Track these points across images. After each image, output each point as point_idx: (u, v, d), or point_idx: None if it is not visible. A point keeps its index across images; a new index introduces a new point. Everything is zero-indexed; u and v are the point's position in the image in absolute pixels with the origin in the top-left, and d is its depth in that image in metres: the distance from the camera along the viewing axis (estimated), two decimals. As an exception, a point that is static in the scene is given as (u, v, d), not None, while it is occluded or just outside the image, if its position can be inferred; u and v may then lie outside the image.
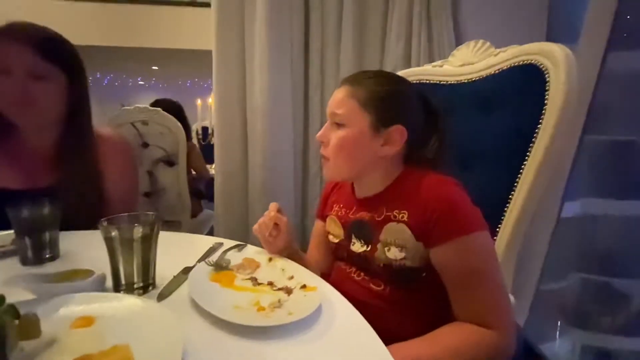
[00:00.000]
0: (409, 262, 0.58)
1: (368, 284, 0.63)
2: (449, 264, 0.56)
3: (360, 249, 0.65)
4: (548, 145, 0.69)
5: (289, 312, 0.44)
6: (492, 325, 0.52)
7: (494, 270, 0.56)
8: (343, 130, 0.62)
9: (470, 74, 0.86)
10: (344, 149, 0.63)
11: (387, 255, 0.60)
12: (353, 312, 0.47)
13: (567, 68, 0.68)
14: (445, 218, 0.55)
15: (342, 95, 0.63)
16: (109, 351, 0.35)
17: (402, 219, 0.59)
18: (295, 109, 1.44)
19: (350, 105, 0.62)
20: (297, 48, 1.43)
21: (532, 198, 0.72)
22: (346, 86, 0.64)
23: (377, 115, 0.61)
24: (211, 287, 0.51)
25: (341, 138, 0.62)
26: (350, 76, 0.67)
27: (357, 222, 0.67)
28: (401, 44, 1.37)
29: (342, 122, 0.62)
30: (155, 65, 7.65)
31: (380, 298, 0.61)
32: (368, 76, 0.65)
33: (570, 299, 1.53)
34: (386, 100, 0.62)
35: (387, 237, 0.60)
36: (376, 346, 0.40)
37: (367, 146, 0.62)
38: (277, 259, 0.62)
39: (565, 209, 1.45)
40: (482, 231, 0.56)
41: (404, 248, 0.58)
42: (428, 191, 0.58)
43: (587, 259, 1.47)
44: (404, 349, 0.51)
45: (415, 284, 0.59)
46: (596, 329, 1.43)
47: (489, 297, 0.54)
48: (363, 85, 0.63)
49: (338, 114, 0.62)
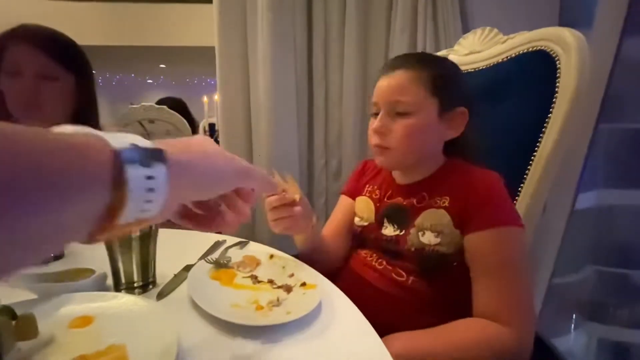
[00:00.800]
0: (443, 248, 0.57)
1: (390, 274, 0.62)
2: (481, 252, 0.55)
3: (392, 233, 0.64)
4: (559, 135, 0.67)
5: (287, 312, 0.43)
6: (509, 322, 0.50)
7: (524, 268, 0.55)
8: (410, 118, 0.59)
9: (477, 62, 0.83)
10: (413, 137, 0.60)
11: (421, 240, 0.59)
12: (353, 309, 0.46)
13: (579, 54, 0.65)
14: (487, 206, 0.55)
15: (404, 80, 0.59)
16: (105, 351, 0.35)
17: (442, 205, 0.59)
18: (299, 104, 1.42)
19: (416, 91, 0.58)
20: (300, 42, 1.41)
21: (542, 190, 0.70)
22: (404, 71, 0.60)
23: (443, 100, 0.59)
24: (211, 285, 0.51)
25: (409, 127, 0.59)
26: (400, 59, 0.64)
27: (393, 206, 0.66)
28: (406, 34, 1.33)
29: (409, 110, 0.59)
30: (163, 64, 7.73)
31: (401, 288, 0.60)
32: (422, 59, 0.64)
33: (586, 292, 1.50)
34: (451, 83, 0.61)
35: (423, 221, 0.60)
36: (375, 344, 0.39)
37: (434, 132, 0.61)
38: (279, 257, 0.61)
39: (580, 201, 1.41)
40: (519, 227, 0.56)
41: (441, 233, 0.57)
42: (473, 180, 0.58)
43: (603, 251, 1.43)
44: (410, 338, 0.50)
45: (442, 273, 0.58)
46: (613, 322, 1.40)
47: (513, 292, 0.53)
48: (423, 69, 0.59)
49: (403, 102, 0.59)
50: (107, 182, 0.20)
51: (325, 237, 0.75)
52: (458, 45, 0.89)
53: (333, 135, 1.50)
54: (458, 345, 0.50)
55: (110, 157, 0.20)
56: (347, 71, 1.42)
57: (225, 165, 0.30)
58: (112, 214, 0.20)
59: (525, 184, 0.71)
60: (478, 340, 0.50)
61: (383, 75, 0.62)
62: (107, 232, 0.21)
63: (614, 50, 1.24)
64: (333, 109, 1.48)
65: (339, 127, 1.49)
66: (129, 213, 0.21)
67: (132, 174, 0.20)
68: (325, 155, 1.52)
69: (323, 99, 1.47)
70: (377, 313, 0.45)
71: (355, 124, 1.43)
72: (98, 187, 0.20)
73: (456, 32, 1.30)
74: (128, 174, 0.20)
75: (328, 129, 1.50)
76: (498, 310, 0.51)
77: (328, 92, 1.47)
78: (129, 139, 0.22)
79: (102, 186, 0.20)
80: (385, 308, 0.58)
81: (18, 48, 0.76)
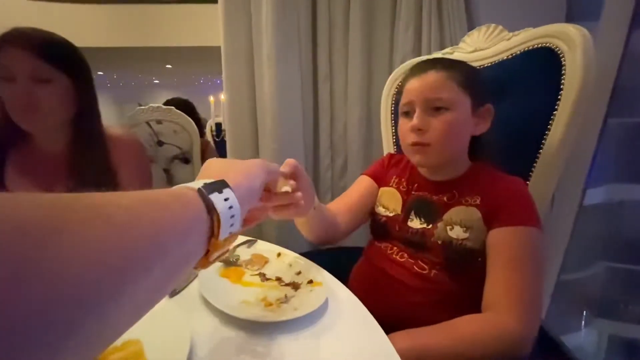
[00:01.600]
0: (470, 243, 0.59)
1: (412, 266, 0.63)
2: (500, 246, 0.57)
3: (418, 226, 0.66)
4: (564, 133, 0.67)
5: (295, 308, 0.45)
6: (513, 312, 0.51)
7: (538, 269, 0.56)
8: (448, 114, 0.61)
9: (482, 60, 0.83)
10: (452, 133, 0.63)
11: (449, 234, 0.61)
12: (359, 306, 0.47)
13: (584, 50, 0.64)
14: (513, 206, 0.59)
15: (440, 78, 0.62)
16: (121, 346, 0.36)
17: (474, 203, 0.61)
18: (304, 102, 1.43)
19: (452, 88, 0.62)
20: (304, 40, 1.41)
21: (548, 187, 0.70)
22: (437, 70, 0.63)
23: (475, 96, 0.63)
24: (221, 283, 0.52)
25: (449, 122, 0.61)
26: (430, 61, 0.68)
27: (422, 200, 0.68)
28: (410, 32, 1.33)
29: (447, 105, 0.61)
30: (170, 64, 7.79)
31: (422, 279, 0.61)
32: (451, 61, 0.68)
33: (596, 288, 1.49)
34: (479, 80, 0.65)
35: (452, 216, 0.62)
36: (380, 340, 0.40)
37: (468, 127, 0.64)
38: (286, 255, 0.62)
39: (590, 196, 1.40)
40: (540, 230, 0.58)
41: (470, 229, 0.60)
42: (502, 183, 0.62)
43: (613, 246, 1.42)
44: (414, 335, 0.51)
45: (467, 267, 0.60)
46: (624, 319, 1.38)
47: (522, 287, 0.54)
48: (455, 68, 0.64)
49: (441, 98, 0.61)
50: (203, 210, 0.28)
51: (333, 210, 0.74)
52: (463, 43, 0.89)
53: (338, 134, 1.50)
54: (461, 339, 0.51)
55: (196, 194, 0.28)
56: (351, 69, 1.42)
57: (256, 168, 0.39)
58: (214, 233, 0.28)
59: (532, 181, 0.71)
60: (481, 332, 0.51)
61: (413, 78, 0.65)
62: (216, 252, 0.29)
63: (622, 44, 1.23)
64: (338, 108, 1.49)
65: (344, 126, 1.49)
66: (224, 229, 0.29)
67: (215, 199, 0.29)
68: (330, 154, 1.52)
69: (328, 98, 1.47)
70: (394, 305, 0.46)
71: (360, 122, 1.43)
72: (201, 216, 0.27)
73: (461, 28, 1.29)
74: (213, 200, 0.28)
75: (333, 127, 1.51)
76: (503, 301, 0.53)
77: (333, 91, 1.48)
78: (199, 183, 0.30)
79: (202, 214, 0.28)
80: (402, 299, 0.59)
81: (9, 52, 0.75)
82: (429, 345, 0.50)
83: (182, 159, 1.76)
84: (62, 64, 0.81)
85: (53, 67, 0.80)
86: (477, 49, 0.84)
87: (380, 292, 0.47)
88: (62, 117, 0.85)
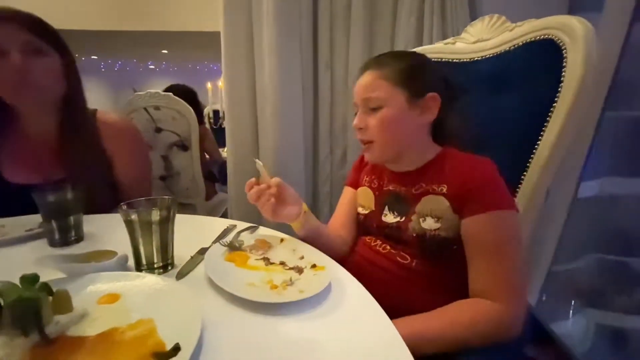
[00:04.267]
0: (443, 233, 0.60)
1: (395, 257, 0.65)
2: (477, 235, 0.58)
3: (392, 220, 0.67)
4: (563, 125, 0.68)
5: (300, 290, 0.46)
6: (502, 299, 0.54)
7: (517, 250, 0.57)
8: (382, 111, 0.64)
9: (484, 51, 0.83)
10: (388, 128, 0.65)
11: (422, 226, 0.62)
12: (361, 289, 0.49)
13: (587, 43, 0.65)
14: (482, 191, 0.58)
15: (371, 78, 0.65)
16: (135, 324, 0.38)
17: (441, 192, 0.62)
18: (304, 92, 1.43)
19: (382, 86, 0.64)
20: (305, 28, 1.40)
21: (544, 178, 0.71)
22: (371, 71, 0.66)
23: (411, 89, 0.64)
24: (226, 266, 0.53)
25: (382, 119, 0.64)
26: (370, 61, 0.69)
27: (392, 194, 0.69)
28: (412, 22, 1.32)
29: (379, 105, 0.64)
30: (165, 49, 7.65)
31: (405, 270, 0.63)
32: (389, 56, 0.68)
33: (586, 279, 1.52)
34: (414, 72, 0.65)
35: (423, 208, 0.63)
36: (382, 321, 0.42)
37: (408, 120, 0.65)
38: (288, 240, 0.63)
39: (585, 189, 1.42)
40: (513, 211, 0.59)
41: (440, 219, 0.61)
42: (468, 167, 0.61)
43: (605, 239, 1.45)
44: (411, 322, 0.53)
45: (444, 256, 0.61)
46: (611, 308, 1.42)
47: (506, 272, 0.56)
48: (388, 65, 0.65)
49: (373, 98, 0.64)
50: None
51: (332, 229, 0.78)
52: (465, 33, 0.89)
53: (338, 124, 1.50)
54: (455, 324, 0.53)
55: None
56: (352, 59, 1.42)
57: None
58: None
59: (529, 172, 0.73)
60: (473, 317, 0.54)
61: (358, 80, 0.68)
62: None
63: (623, 36, 1.23)
64: (338, 98, 1.48)
65: (343, 116, 1.49)
66: None
67: None
68: (330, 144, 1.53)
69: (328, 87, 1.47)
70: (383, 293, 0.48)
71: (360, 112, 1.44)
72: None
73: (464, 19, 1.29)
74: None
75: (333, 117, 1.51)
76: (490, 289, 0.55)
77: (333, 80, 1.47)
78: None
79: None
80: (391, 288, 0.62)
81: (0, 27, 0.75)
82: (424, 332, 0.52)
83: (181, 146, 1.75)
84: (52, 40, 0.81)
85: (44, 42, 0.80)
86: (480, 40, 0.84)
87: (369, 282, 0.49)
88: (52, 95, 0.84)
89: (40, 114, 0.86)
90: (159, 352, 0.33)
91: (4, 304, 0.34)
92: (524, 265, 0.58)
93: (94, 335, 0.36)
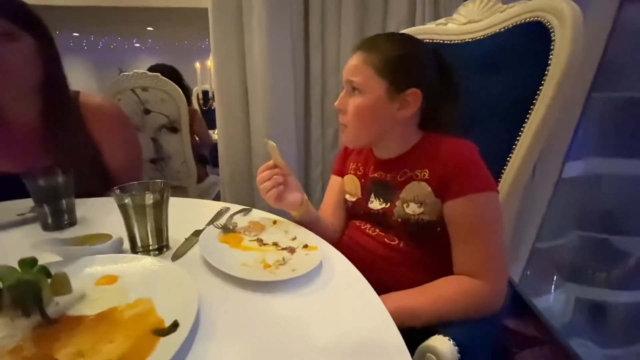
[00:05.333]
0: (427, 217, 0.62)
1: (383, 239, 0.67)
2: (458, 217, 0.60)
3: (378, 207, 0.69)
4: (549, 106, 0.69)
5: (292, 269, 0.48)
6: (484, 276, 0.57)
7: (497, 229, 0.60)
8: (360, 97, 0.64)
9: (475, 32, 0.83)
10: (362, 117, 0.65)
11: (406, 211, 0.64)
12: (351, 267, 0.51)
13: (574, 26, 0.66)
14: (462, 175, 0.59)
15: (358, 62, 0.64)
16: (134, 304, 0.39)
17: (423, 178, 0.63)
18: (295, 72, 1.41)
19: (366, 72, 0.63)
20: (296, 6, 1.37)
21: (530, 157, 0.73)
22: (361, 52, 0.64)
23: (393, 81, 0.62)
24: (221, 248, 0.55)
25: (358, 106, 0.64)
26: (364, 41, 0.67)
27: (378, 181, 0.70)
28: (405, 0, 1.30)
29: (359, 89, 0.64)
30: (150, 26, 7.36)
31: (394, 251, 0.66)
32: (382, 40, 0.66)
33: (568, 255, 1.58)
34: (401, 65, 0.63)
35: (407, 195, 0.64)
36: (371, 297, 0.44)
37: (384, 112, 0.64)
38: (281, 222, 0.65)
39: (571, 168, 1.45)
40: (493, 192, 0.60)
41: (423, 204, 0.62)
42: (448, 152, 0.62)
43: (588, 217, 1.50)
44: (399, 298, 0.56)
45: (429, 237, 0.63)
46: (591, 283, 1.49)
47: (487, 251, 0.59)
48: (377, 50, 0.63)
49: (354, 81, 0.64)
50: None
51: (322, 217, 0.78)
52: (457, 14, 0.88)
53: (329, 105, 1.50)
54: (440, 299, 0.56)
55: None
56: (344, 38, 1.40)
57: None
58: None
59: (515, 151, 0.74)
60: (456, 293, 0.57)
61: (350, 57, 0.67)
62: None
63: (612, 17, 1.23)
64: (329, 78, 1.47)
65: (335, 96, 1.47)
66: None
67: None
68: (321, 125, 1.53)
69: (320, 67, 1.45)
70: (372, 272, 0.50)
71: (352, 92, 1.43)
72: None
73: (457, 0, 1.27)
74: None
75: (325, 97, 1.50)
76: (473, 267, 0.58)
77: (325, 60, 1.45)
78: None
79: None
80: (379, 267, 0.64)
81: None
82: (412, 307, 0.55)
83: (170, 128, 1.73)
84: (25, 23, 0.77)
85: (16, 26, 0.75)
86: (471, 21, 0.84)
87: (359, 262, 0.51)
88: (28, 82, 0.81)
89: (18, 101, 0.83)
90: (159, 328, 0.35)
91: (4, 286, 0.35)
92: (504, 244, 0.60)
93: (94, 314, 0.38)
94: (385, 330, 0.39)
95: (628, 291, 1.42)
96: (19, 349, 0.32)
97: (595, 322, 1.51)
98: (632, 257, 1.45)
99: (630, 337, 1.40)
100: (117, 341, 0.33)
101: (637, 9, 1.23)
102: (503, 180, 0.76)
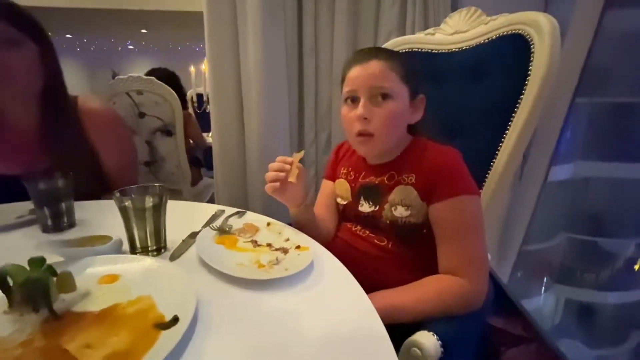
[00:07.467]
0: (413, 219, 0.66)
1: (372, 240, 0.71)
2: (443, 219, 0.63)
3: (368, 210, 0.72)
4: (529, 114, 0.73)
5: (285, 268, 0.51)
6: (466, 275, 0.60)
7: (479, 231, 0.63)
8: (392, 102, 0.65)
9: (461, 42, 0.87)
10: (394, 123, 0.66)
11: (394, 214, 0.67)
12: (340, 267, 0.54)
13: (552, 38, 0.70)
14: (446, 180, 0.63)
15: (383, 68, 0.64)
16: (135, 301, 0.42)
17: (410, 182, 0.66)
18: (289, 76, 1.44)
19: (393, 78, 0.65)
20: (290, 13, 1.40)
21: (512, 163, 0.77)
22: (380, 60, 0.65)
23: (411, 87, 0.67)
24: (217, 249, 0.57)
25: (392, 112, 0.65)
26: (376, 50, 0.70)
27: (367, 185, 0.73)
28: (396, 9, 1.34)
29: (391, 94, 0.64)
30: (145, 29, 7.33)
31: (383, 251, 0.69)
32: (390, 50, 0.70)
33: (557, 257, 1.61)
34: (415, 72, 0.68)
35: (395, 197, 0.68)
36: (357, 293, 0.47)
37: (406, 117, 0.68)
38: (274, 224, 0.68)
39: (559, 172, 1.49)
40: (475, 196, 0.64)
41: (410, 207, 0.66)
42: (433, 157, 0.65)
43: (576, 220, 1.53)
44: (386, 295, 0.59)
45: (416, 239, 0.67)
46: (580, 284, 1.52)
47: (469, 250, 0.62)
48: (396, 58, 0.67)
49: (386, 87, 0.64)
50: None
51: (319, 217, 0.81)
52: (444, 24, 0.92)
53: (323, 109, 1.53)
54: (424, 296, 0.60)
55: None
56: (337, 44, 1.43)
57: None
58: None
59: (498, 156, 0.78)
60: (439, 290, 0.60)
61: (356, 66, 0.66)
62: None
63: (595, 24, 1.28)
64: (323, 82, 1.50)
65: (328, 100, 1.52)
66: None
67: None
68: (315, 128, 1.56)
69: (313, 72, 1.48)
70: (361, 271, 0.53)
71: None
72: None
73: (445, 8, 1.31)
74: None
75: (318, 101, 1.53)
76: (456, 266, 0.61)
77: (318, 66, 1.48)
78: None
79: None
80: (368, 267, 0.67)
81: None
82: (398, 304, 0.58)
83: (165, 132, 1.74)
84: (28, 28, 0.78)
85: (19, 31, 0.76)
86: (458, 32, 0.88)
87: (349, 262, 0.54)
88: (31, 88, 0.82)
89: (18, 106, 0.84)
90: (160, 322, 0.37)
91: (14, 284, 0.37)
92: (485, 244, 0.64)
93: (98, 310, 0.40)
94: (370, 322, 0.42)
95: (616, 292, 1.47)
96: (29, 342, 0.34)
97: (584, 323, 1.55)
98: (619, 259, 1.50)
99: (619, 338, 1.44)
100: (121, 334, 0.36)
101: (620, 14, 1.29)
102: (487, 184, 0.80)
